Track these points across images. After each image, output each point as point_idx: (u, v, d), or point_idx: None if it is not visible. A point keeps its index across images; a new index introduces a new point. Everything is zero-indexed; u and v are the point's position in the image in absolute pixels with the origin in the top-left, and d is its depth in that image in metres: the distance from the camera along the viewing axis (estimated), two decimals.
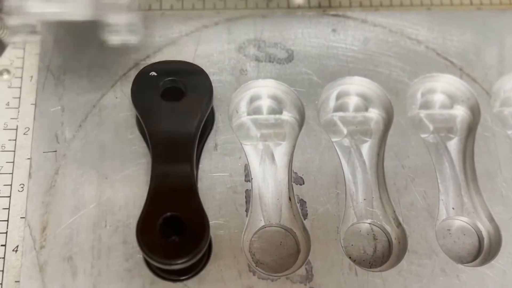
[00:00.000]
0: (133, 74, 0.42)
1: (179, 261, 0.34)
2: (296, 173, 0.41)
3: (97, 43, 0.45)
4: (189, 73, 0.40)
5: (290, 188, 0.41)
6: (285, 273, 0.39)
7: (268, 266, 0.40)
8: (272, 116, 0.45)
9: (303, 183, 0.41)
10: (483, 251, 0.41)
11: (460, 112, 0.45)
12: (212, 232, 0.39)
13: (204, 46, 0.45)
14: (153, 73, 0.39)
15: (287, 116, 0.45)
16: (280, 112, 0.45)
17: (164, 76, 0.39)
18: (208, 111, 0.39)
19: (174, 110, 0.38)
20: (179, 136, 0.38)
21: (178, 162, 0.37)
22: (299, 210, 0.40)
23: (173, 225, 0.35)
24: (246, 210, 0.40)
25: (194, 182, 0.37)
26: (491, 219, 0.40)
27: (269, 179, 0.42)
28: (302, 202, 0.40)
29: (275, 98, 0.45)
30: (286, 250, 0.41)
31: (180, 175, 0.37)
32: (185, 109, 0.39)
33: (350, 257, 0.40)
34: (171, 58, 0.44)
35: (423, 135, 0.44)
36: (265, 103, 0.45)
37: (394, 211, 0.40)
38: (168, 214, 0.35)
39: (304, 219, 0.40)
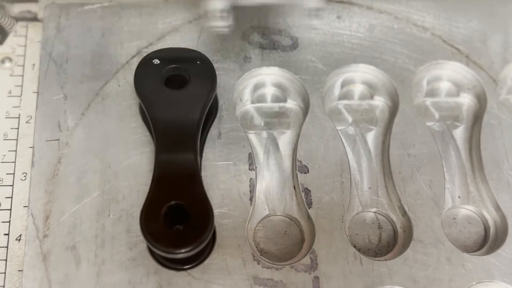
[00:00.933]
0: (135, 62, 0.42)
1: (183, 250, 0.33)
2: (300, 161, 0.41)
3: (99, 31, 0.45)
4: (192, 61, 0.39)
5: (295, 177, 0.41)
6: (289, 262, 0.38)
7: (273, 255, 0.40)
8: (276, 104, 0.44)
9: (308, 172, 0.40)
10: (489, 240, 0.40)
11: (466, 100, 0.45)
12: (216, 221, 0.38)
13: (207, 33, 0.45)
14: (156, 61, 0.39)
15: (292, 104, 0.44)
16: (284, 100, 0.44)
17: (167, 63, 0.39)
18: (212, 99, 0.39)
19: (177, 98, 0.38)
20: (182, 125, 0.37)
21: (182, 151, 0.37)
22: (304, 199, 0.40)
23: (177, 214, 0.35)
24: (250, 199, 0.39)
25: (198, 170, 0.36)
26: (498, 208, 0.40)
27: (273, 167, 0.42)
28: (307, 191, 0.40)
29: (279, 86, 0.45)
30: (291, 239, 0.40)
31: (184, 163, 0.36)
32: (189, 97, 0.38)
33: (355, 246, 0.40)
34: (173, 45, 0.44)
35: (429, 123, 0.44)
36: (269, 91, 0.45)
37: (400, 200, 0.40)
38: (172, 202, 0.35)
39: (309, 208, 0.39)
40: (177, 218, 0.35)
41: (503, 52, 0.45)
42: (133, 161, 0.40)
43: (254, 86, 0.44)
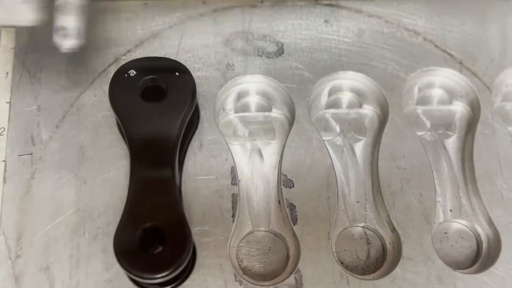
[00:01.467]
0: (112, 70, 0.40)
1: (159, 275, 0.32)
2: (285, 175, 0.39)
3: (75, 38, 0.43)
4: (170, 71, 0.37)
5: (279, 191, 0.39)
6: (273, 281, 0.37)
7: (256, 273, 0.38)
8: (261, 113, 0.43)
9: (293, 186, 0.39)
10: (481, 256, 0.39)
11: (459, 108, 0.43)
12: (196, 239, 0.37)
13: (189, 39, 0.43)
14: (132, 72, 0.37)
15: (277, 113, 0.43)
16: (269, 109, 0.43)
17: (143, 74, 0.37)
18: (192, 112, 0.37)
19: (154, 111, 0.36)
20: (160, 139, 0.36)
21: (159, 167, 0.35)
22: (288, 215, 0.38)
23: (153, 236, 0.33)
24: (233, 216, 0.38)
25: (175, 188, 0.35)
26: (490, 223, 0.38)
27: (257, 181, 0.40)
28: (292, 207, 0.38)
29: (264, 94, 0.43)
30: (276, 256, 0.39)
31: (161, 181, 0.34)
32: (167, 110, 0.36)
33: (342, 263, 0.39)
34: (153, 52, 0.42)
35: (419, 133, 0.42)
36: (253, 100, 0.43)
37: (389, 215, 0.38)
38: (148, 224, 0.33)
39: (294, 225, 0.38)
40: (154, 240, 0.33)
41: (498, 57, 0.43)
42: (110, 176, 0.38)
43: (237, 94, 0.43)
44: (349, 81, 0.43)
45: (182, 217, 0.33)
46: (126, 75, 0.37)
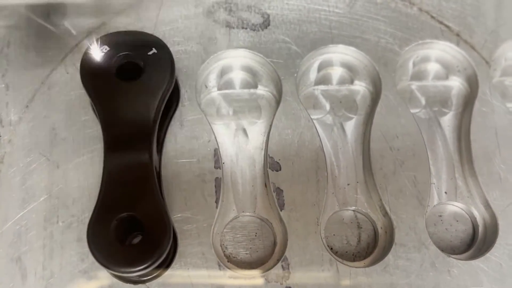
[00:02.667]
0: (86, 44, 0.37)
1: (137, 269, 0.30)
2: (272, 157, 0.37)
3: (45, 10, 0.39)
4: (147, 47, 0.34)
5: (266, 174, 0.37)
6: (259, 269, 0.35)
7: (242, 261, 0.36)
8: (246, 90, 0.40)
9: (280, 169, 0.37)
10: (477, 240, 0.37)
11: (456, 84, 0.41)
12: (178, 227, 0.35)
13: (168, 10, 0.40)
14: (106, 48, 0.34)
15: (263, 90, 0.40)
16: (255, 86, 0.40)
17: (118, 51, 0.34)
18: (170, 90, 0.34)
19: (130, 91, 0.34)
20: (136, 121, 0.33)
21: (135, 151, 0.32)
22: (275, 200, 0.36)
23: (130, 226, 0.31)
24: (216, 201, 0.36)
25: (153, 174, 0.32)
26: (487, 206, 0.37)
27: (242, 163, 0.38)
28: (279, 191, 0.36)
29: (249, 70, 0.40)
30: (262, 242, 0.37)
31: (138, 166, 0.32)
32: (143, 89, 0.34)
33: (331, 249, 0.37)
34: (130, 25, 0.39)
35: (414, 111, 0.39)
36: (238, 76, 0.40)
37: (381, 199, 0.36)
38: (124, 214, 0.31)
39: (281, 210, 0.36)
40: (130, 230, 0.31)
41: (497, 29, 0.40)
42: (85, 159, 0.36)
43: (220, 70, 0.40)
44: (340, 55, 0.40)
45: (160, 205, 0.31)
46: (98, 52, 0.34)
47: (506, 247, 0.35)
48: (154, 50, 0.34)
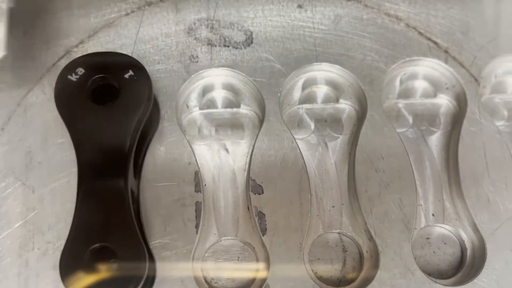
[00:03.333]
0: (63, 64, 0.36)
1: None
2: (254, 180, 0.36)
3: (21, 27, 0.38)
4: (123, 68, 0.33)
5: (248, 197, 0.36)
6: None
7: (223, 286, 0.35)
8: (228, 110, 0.39)
9: (262, 192, 0.36)
10: (465, 264, 0.36)
11: (444, 102, 0.40)
12: (156, 253, 0.34)
13: (148, 28, 0.39)
14: (81, 70, 0.33)
15: (246, 109, 0.39)
16: (237, 105, 0.39)
17: (93, 73, 0.33)
18: (148, 113, 0.34)
19: (105, 115, 0.33)
20: (111, 146, 0.32)
21: (110, 178, 0.31)
22: (257, 225, 0.35)
23: (104, 256, 0.30)
24: (196, 226, 0.35)
25: (128, 202, 0.31)
26: (475, 229, 0.36)
27: (224, 185, 0.37)
28: (261, 215, 0.35)
29: (231, 89, 0.39)
30: (245, 266, 0.36)
31: (112, 193, 0.31)
32: (119, 112, 0.33)
33: (316, 273, 0.36)
34: (108, 43, 0.38)
35: (400, 130, 0.38)
36: (220, 95, 0.39)
37: (366, 223, 0.35)
38: (97, 245, 0.30)
39: (263, 235, 0.35)
40: (106, 259, 0.30)
41: (487, 45, 0.39)
42: (61, 184, 0.35)
43: (202, 89, 0.39)
44: (325, 73, 0.39)
45: (135, 235, 0.30)
46: (73, 74, 0.33)
47: (494, 272, 0.34)
48: (130, 72, 0.33)
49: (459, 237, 0.37)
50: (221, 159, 0.38)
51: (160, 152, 0.36)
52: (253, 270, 0.35)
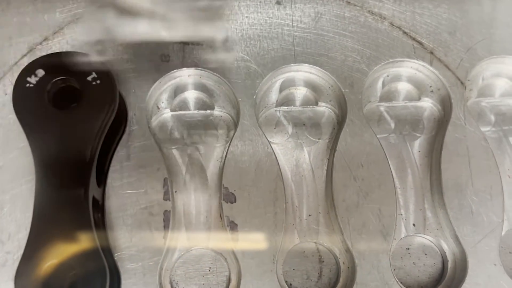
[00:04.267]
0: (26, 62, 0.34)
1: None
2: (226, 188, 0.34)
3: None
4: (86, 70, 0.31)
5: (220, 205, 0.34)
6: None
7: None
8: (201, 112, 0.37)
9: (235, 201, 0.34)
10: (446, 276, 0.35)
11: (428, 105, 0.38)
12: (122, 265, 0.32)
13: (116, 24, 0.37)
14: (41, 72, 0.31)
15: (220, 112, 0.37)
16: (211, 107, 0.37)
17: (53, 75, 0.31)
18: (111, 118, 0.32)
19: (65, 120, 0.31)
20: (71, 153, 0.30)
21: (70, 186, 0.30)
22: (229, 235, 0.33)
23: (61, 272, 0.28)
24: (164, 236, 0.33)
25: (88, 213, 0.29)
26: (457, 241, 0.34)
27: (196, 192, 0.35)
28: (233, 225, 0.33)
29: (204, 90, 0.37)
30: (216, 277, 0.34)
31: (71, 203, 0.29)
32: (80, 117, 0.31)
33: (290, 285, 0.34)
34: (74, 40, 0.36)
35: (381, 136, 0.37)
36: (192, 96, 0.37)
37: (342, 234, 0.34)
38: (54, 261, 0.28)
39: (235, 247, 0.33)
40: (62, 275, 0.28)
41: (475, 47, 0.37)
42: (22, 190, 0.33)
43: (174, 90, 0.37)
44: (304, 74, 0.37)
45: (96, 251, 0.28)
46: (33, 76, 0.31)
47: (475, 287, 0.33)
48: (94, 74, 0.31)
49: (441, 248, 0.35)
50: (192, 164, 0.36)
51: (127, 157, 0.34)
52: (225, 279, 0.34)
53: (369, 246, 0.33)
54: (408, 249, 0.35)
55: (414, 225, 0.35)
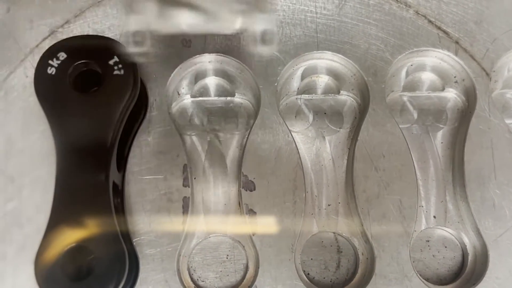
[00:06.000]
0: (47, 45, 0.33)
1: None
2: (246, 176, 0.34)
3: (3, 4, 0.36)
4: (108, 54, 0.31)
5: (239, 193, 0.34)
6: None
7: (210, 285, 0.34)
8: (222, 98, 0.37)
9: (254, 189, 0.34)
10: (466, 270, 0.34)
11: (452, 96, 0.37)
12: (140, 250, 0.32)
13: (138, 7, 0.36)
14: (62, 55, 0.31)
15: (241, 99, 0.37)
16: (231, 94, 0.37)
17: (76, 58, 0.31)
18: (133, 103, 0.31)
19: (87, 104, 0.30)
20: (92, 137, 0.30)
21: (91, 173, 0.30)
22: (248, 223, 0.33)
23: (81, 256, 0.28)
24: (183, 223, 0.33)
25: (109, 197, 0.29)
26: (478, 234, 0.34)
27: (215, 179, 0.35)
28: (252, 213, 0.33)
29: (226, 76, 0.37)
30: (234, 265, 0.34)
31: (92, 188, 0.29)
32: (102, 101, 0.31)
33: (308, 274, 0.34)
34: (95, 24, 0.36)
35: (404, 126, 0.36)
36: (213, 82, 0.37)
37: (362, 225, 0.33)
38: (74, 245, 0.28)
39: (253, 235, 0.33)
40: (82, 260, 0.28)
41: (501, 37, 0.37)
42: (42, 173, 0.33)
43: (195, 76, 0.37)
44: (326, 62, 0.37)
45: (116, 236, 0.28)
46: (54, 59, 0.31)
47: (495, 281, 0.32)
48: (116, 58, 0.31)
49: (461, 241, 0.35)
50: (212, 151, 0.36)
51: (147, 143, 0.34)
52: (243, 267, 0.34)
53: (388, 238, 0.33)
54: (428, 241, 0.35)
55: (434, 217, 0.35)
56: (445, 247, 0.35)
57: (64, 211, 0.29)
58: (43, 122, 0.34)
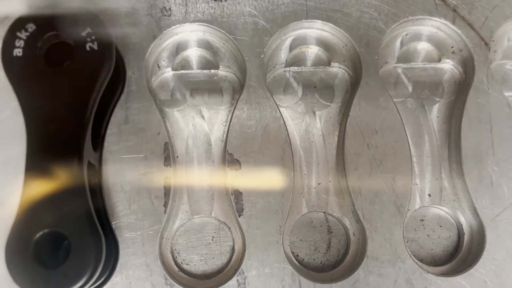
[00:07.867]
0: (13, 19, 0.31)
1: None
2: (231, 154, 0.32)
3: None
4: (81, 24, 0.29)
5: (224, 173, 0.32)
6: (210, 283, 0.31)
7: (195, 268, 0.32)
8: (205, 71, 0.34)
9: (240, 168, 0.32)
10: (462, 250, 0.33)
11: (449, 67, 0.35)
12: (120, 234, 0.30)
13: None
14: (31, 26, 0.29)
15: (225, 72, 0.35)
16: (215, 66, 0.34)
17: (46, 29, 0.29)
18: (108, 77, 0.29)
19: (58, 78, 0.28)
20: (64, 114, 0.28)
21: (63, 153, 0.28)
22: (233, 205, 0.31)
23: (54, 242, 0.27)
24: (165, 204, 0.31)
25: (82, 178, 0.27)
26: (475, 213, 0.32)
27: (199, 158, 0.33)
28: (237, 194, 0.31)
29: (208, 47, 0.34)
30: (219, 247, 0.33)
31: (65, 169, 0.27)
32: (74, 75, 0.28)
33: (297, 256, 0.33)
34: None
35: (397, 99, 0.34)
36: (196, 54, 0.35)
37: (353, 204, 0.32)
38: (46, 230, 0.26)
39: (239, 216, 0.31)
40: (55, 246, 0.27)
41: (501, 4, 0.34)
42: (12, 155, 0.31)
43: (176, 47, 0.34)
44: (316, 32, 0.34)
45: (91, 219, 0.27)
46: (23, 31, 0.28)
47: (492, 262, 0.31)
48: (89, 29, 0.29)
49: (457, 220, 0.33)
50: (195, 128, 0.34)
51: (126, 119, 0.32)
52: (229, 249, 0.32)
53: (381, 218, 0.31)
54: (423, 220, 0.34)
55: (429, 195, 0.33)
56: (440, 226, 0.34)
57: (35, 194, 0.27)
58: (13, 98, 0.31)
